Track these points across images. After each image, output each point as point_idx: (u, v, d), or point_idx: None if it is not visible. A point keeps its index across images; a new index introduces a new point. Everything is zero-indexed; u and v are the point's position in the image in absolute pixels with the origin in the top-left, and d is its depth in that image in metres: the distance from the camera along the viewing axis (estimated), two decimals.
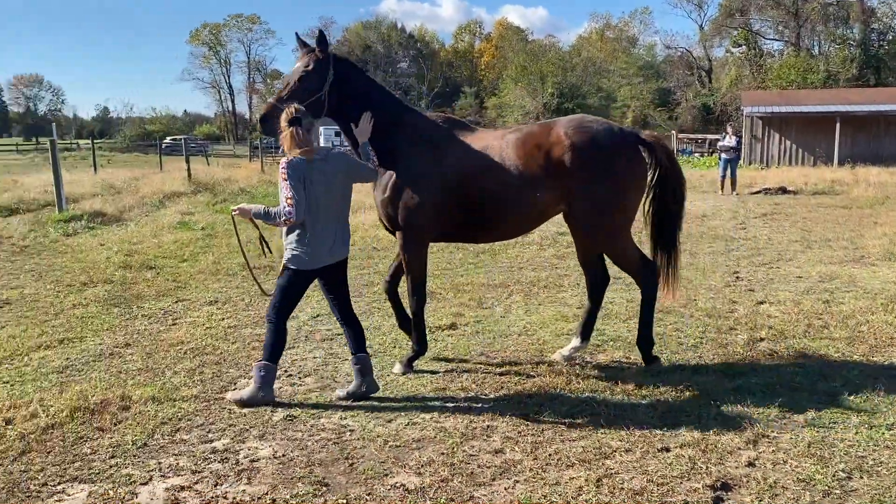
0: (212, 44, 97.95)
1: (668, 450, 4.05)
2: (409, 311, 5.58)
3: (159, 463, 4.00)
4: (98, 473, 3.89)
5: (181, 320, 7.08)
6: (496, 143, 5.31)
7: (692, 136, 46.61)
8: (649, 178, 5.44)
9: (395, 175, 5.27)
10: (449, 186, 5.21)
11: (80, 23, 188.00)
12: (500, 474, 3.82)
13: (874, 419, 4.38)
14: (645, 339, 5.54)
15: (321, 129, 67.89)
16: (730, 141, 19.63)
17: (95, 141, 39.36)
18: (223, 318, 7.12)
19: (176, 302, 7.86)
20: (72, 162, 37.36)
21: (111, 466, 3.96)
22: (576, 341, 5.68)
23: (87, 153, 41.77)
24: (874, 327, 6.27)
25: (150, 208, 16.71)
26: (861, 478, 3.68)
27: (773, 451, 4.01)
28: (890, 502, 3.43)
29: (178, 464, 3.99)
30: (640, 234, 5.92)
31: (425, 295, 5.52)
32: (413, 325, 5.52)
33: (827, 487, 3.59)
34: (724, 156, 19.73)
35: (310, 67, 5.09)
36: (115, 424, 4.50)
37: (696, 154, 39.25)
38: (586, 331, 5.70)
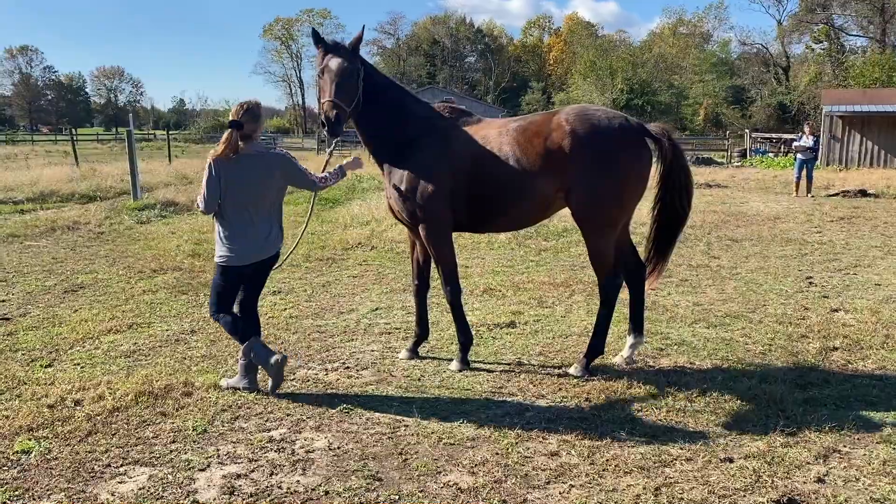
0: (284, 38, 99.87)
1: (731, 460, 3.90)
2: (447, 303, 5.56)
3: (218, 450, 4.07)
4: (159, 457, 3.97)
5: None
6: (501, 131, 5.26)
7: (766, 135, 45.12)
8: (655, 174, 5.27)
9: (409, 168, 5.26)
10: (460, 176, 5.21)
11: (158, 17, 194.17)
12: (556, 478, 3.74)
13: None
14: (593, 349, 5.36)
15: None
16: (807, 141, 18.88)
17: (171, 132, 40.60)
18: (285, 309, 7.22)
19: None
20: (148, 152, 38.66)
21: (171, 451, 4.05)
22: (630, 339, 5.53)
23: (162, 143, 43.20)
24: None
25: None
26: None
27: (845, 467, 3.82)
28: None
29: (235, 451, 4.05)
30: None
31: (459, 285, 5.50)
32: (453, 317, 5.52)
33: None
34: (799, 156, 18.99)
35: (346, 65, 5.04)
36: (178, 410, 4.60)
37: (770, 154, 37.94)
38: (637, 324, 5.53)
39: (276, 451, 4.06)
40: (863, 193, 18.69)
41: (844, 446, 4.05)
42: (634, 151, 5.07)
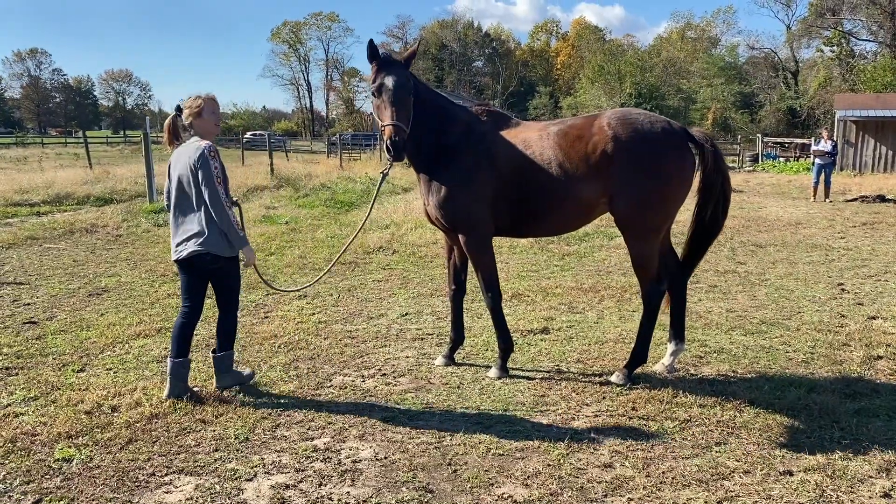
0: (292, 42, 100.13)
1: (791, 473, 3.79)
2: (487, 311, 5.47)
3: (262, 459, 3.98)
4: (203, 466, 3.88)
5: (272, 314, 7.13)
6: (541, 134, 5.16)
7: (778, 139, 44.95)
8: (695, 180, 5.13)
9: (450, 174, 5.13)
10: (501, 180, 5.10)
11: (166, 21, 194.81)
12: (612, 490, 3.64)
13: None
14: (636, 357, 5.26)
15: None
16: (825, 146, 18.76)
17: None
18: (313, 314, 7.13)
19: (266, 295, 7.93)
20: (157, 154, 38.66)
21: (216, 460, 3.96)
22: (672, 346, 5.38)
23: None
24: None
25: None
26: None
27: None
28: None
29: (280, 461, 3.96)
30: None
31: (500, 291, 5.37)
32: (494, 323, 5.41)
33: None
34: (818, 161, 18.87)
35: (404, 82, 4.90)
36: (217, 417, 4.51)
37: (782, 158, 37.78)
38: (678, 331, 5.37)
39: (322, 461, 3.97)
40: (881, 199, 18.54)
41: None
42: (678, 155, 4.94)
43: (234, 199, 4.87)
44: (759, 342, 6.16)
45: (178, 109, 4.84)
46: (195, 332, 5.06)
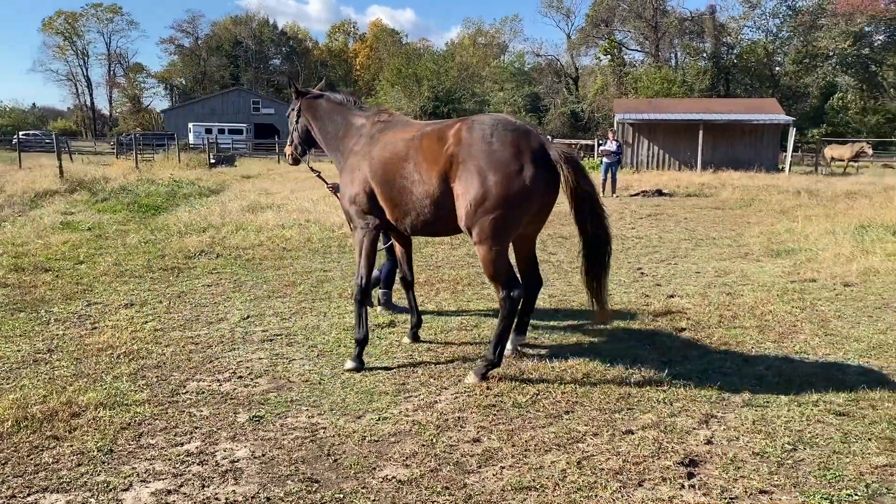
0: (67, 34, 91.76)
1: (632, 432, 4.33)
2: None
3: (133, 468, 3.84)
4: (69, 482, 3.69)
5: (101, 324, 6.72)
6: (415, 135, 5.39)
7: (564, 140, 48.54)
8: (564, 193, 5.07)
9: (344, 171, 5.82)
10: (375, 179, 5.45)
11: None
12: (485, 461, 3.96)
13: (800, 397, 4.85)
14: (489, 361, 5.21)
15: (191, 125, 65.47)
16: (611, 145, 20.70)
17: None
18: (146, 322, 6.82)
19: (87, 305, 7.44)
20: None
21: (82, 475, 3.77)
22: (512, 336, 5.66)
23: None
24: (777, 316, 6.91)
25: (23, 208, 15.56)
26: (805, 449, 4.10)
27: (724, 429, 4.38)
28: (834, 469, 3.85)
29: (154, 468, 3.85)
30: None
31: (368, 286, 5.72)
32: (356, 313, 5.67)
33: (779, 459, 3.97)
34: (605, 160, 20.78)
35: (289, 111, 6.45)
36: (71, 432, 4.26)
37: None
38: (520, 326, 5.77)
39: (198, 465, 3.91)
40: (659, 193, 20.82)
41: (718, 412, 4.64)
42: (516, 165, 4.85)
43: None
44: (582, 322, 6.83)
45: None
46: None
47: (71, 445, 4.10)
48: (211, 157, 36.16)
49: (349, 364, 5.49)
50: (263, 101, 78.43)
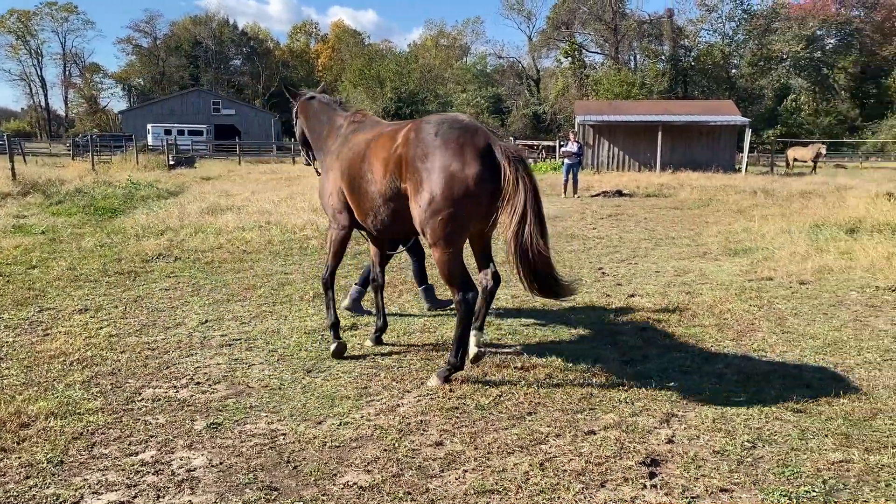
0: (20, 33, 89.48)
1: (594, 433, 4.33)
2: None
3: (85, 480, 3.73)
4: (16, 497, 3.55)
5: (53, 330, 6.53)
6: (375, 135, 5.39)
7: (526, 142, 48.87)
8: (501, 191, 4.80)
9: (322, 169, 6.08)
10: (343, 178, 5.54)
11: None
12: (448, 465, 3.92)
13: (759, 395, 4.92)
14: (451, 364, 5.15)
15: (150, 126, 64.37)
16: (572, 147, 20.86)
17: None
18: (101, 327, 6.65)
19: (40, 311, 7.23)
20: None
21: (30, 488, 3.64)
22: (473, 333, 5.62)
23: None
24: (736, 315, 7.01)
25: None
26: (764, 446, 4.15)
27: (685, 427, 4.41)
28: (792, 466, 3.90)
29: (107, 479, 3.74)
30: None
31: (332, 283, 6.04)
32: (325, 303, 6.10)
33: (739, 457, 4.01)
34: (566, 161, 20.93)
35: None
36: (20, 443, 4.12)
37: (530, 159, 41.19)
38: (479, 321, 5.61)
39: (153, 475, 3.81)
40: (619, 193, 21.04)
41: (679, 410, 4.67)
42: (458, 164, 4.69)
43: None
44: (544, 322, 6.84)
45: None
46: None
47: (19, 457, 3.96)
48: (170, 158, 35.60)
49: (332, 347, 5.77)
50: (224, 101, 77.39)
